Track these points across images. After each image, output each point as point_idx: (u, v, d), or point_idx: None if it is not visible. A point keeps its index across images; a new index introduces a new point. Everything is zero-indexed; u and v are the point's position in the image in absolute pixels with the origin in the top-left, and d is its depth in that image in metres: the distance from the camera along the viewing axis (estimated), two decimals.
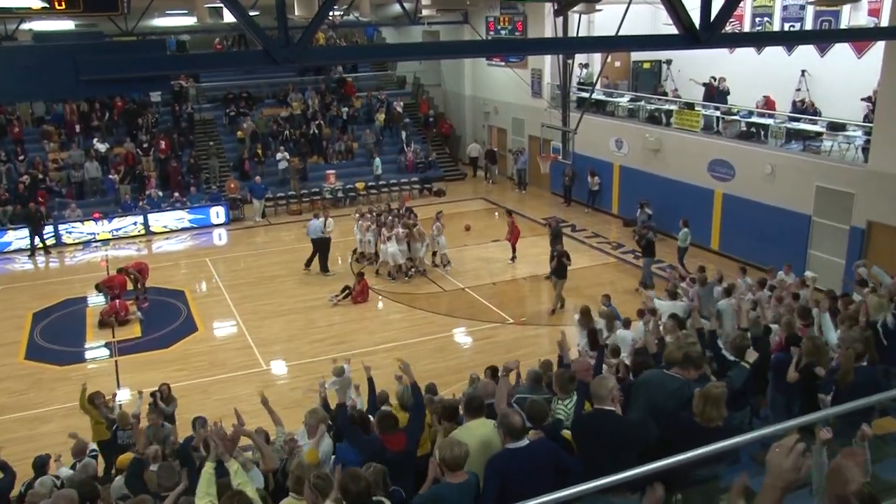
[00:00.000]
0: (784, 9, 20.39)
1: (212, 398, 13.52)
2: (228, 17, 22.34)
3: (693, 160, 20.82)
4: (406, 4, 22.54)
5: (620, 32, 15.26)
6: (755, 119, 19.92)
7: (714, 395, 5.35)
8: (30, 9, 13.13)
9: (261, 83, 31.69)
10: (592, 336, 11.41)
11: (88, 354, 15.94)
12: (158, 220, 24.67)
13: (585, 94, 23.41)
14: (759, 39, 16.74)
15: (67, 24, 19.68)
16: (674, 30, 6.70)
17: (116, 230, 24.15)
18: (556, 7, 19.52)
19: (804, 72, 19.82)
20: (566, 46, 12.40)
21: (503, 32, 27.54)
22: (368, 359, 13.83)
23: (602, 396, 5.40)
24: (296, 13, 17.19)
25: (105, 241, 23.73)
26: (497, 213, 25.49)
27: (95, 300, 18.33)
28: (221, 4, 20.91)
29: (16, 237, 23.17)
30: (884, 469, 4.79)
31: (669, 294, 13.14)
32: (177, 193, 25.56)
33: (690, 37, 6.60)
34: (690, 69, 22.89)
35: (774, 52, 20.09)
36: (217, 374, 14.59)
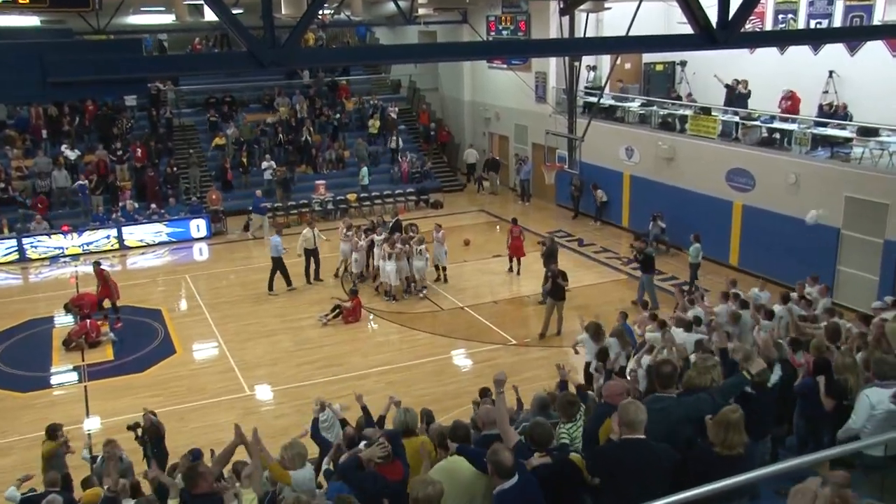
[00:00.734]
0: (810, 4, 20.30)
1: (189, 426, 13.44)
2: (210, 16, 22.46)
3: (710, 169, 20.85)
4: (401, 3, 22.60)
5: (631, 32, 15.32)
6: (777, 124, 19.93)
7: (735, 420, 5.32)
8: None
9: (245, 86, 31.80)
10: (603, 356, 11.39)
11: (54, 379, 15.82)
12: (133, 234, 24.63)
13: (593, 99, 23.50)
14: (783, 39, 16.32)
15: (32, 21, 19.59)
16: (689, 29, 6.70)
17: (87, 244, 24.08)
18: (562, 5, 19.60)
19: (832, 72, 19.78)
20: (573, 48, 12.44)
21: (505, 33, 27.72)
22: (360, 384, 13.85)
23: (635, 424, 5.31)
24: (283, 12, 17.26)
25: (74, 257, 23.67)
26: (498, 227, 25.48)
27: (63, 320, 18.27)
28: (202, 1, 21.01)
29: None
30: None
31: (679, 322, 13.17)
32: (154, 205, 25.53)
33: (707, 36, 6.60)
34: (706, 71, 22.95)
35: (799, 52, 20.00)
36: (196, 400, 14.50)
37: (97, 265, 18.97)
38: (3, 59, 4.89)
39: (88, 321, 17.22)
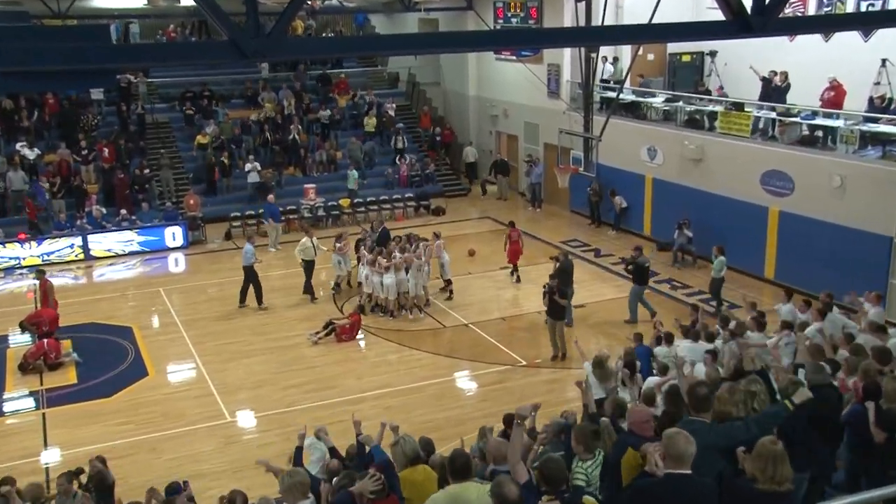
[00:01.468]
0: None
1: (162, 458, 13.38)
2: (186, 0, 22.49)
3: (742, 171, 20.81)
4: None
5: (655, 19, 15.32)
6: (820, 120, 19.77)
7: (779, 453, 5.24)
8: None
9: (225, 79, 31.87)
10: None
11: (8, 406, 15.68)
12: (101, 243, 24.61)
13: (612, 94, 23.49)
14: (828, 24, 15.75)
15: None
16: (720, 15, 6.69)
17: (48, 254, 24.01)
18: None
19: (885, 61, 19.54)
20: (589, 37, 12.39)
21: (514, 20, 27.78)
22: (356, 408, 13.79)
23: (684, 458, 5.22)
24: None
25: (33, 268, 23.58)
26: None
27: (18, 340, 18.21)
28: None
29: None
30: None
31: (685, 331, 13.18)
32: (124, 210, 25.47)
33: (741, 23, 6.59)
34: (739, 62, 22.85)
35: (847, 38, 19.80)
36: (171, 428, 14.43)
37: (41, 274, 18.90)
38: None
39: (46, 340, 17.09)
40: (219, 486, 9.18)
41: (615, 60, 26.16)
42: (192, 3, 11.38)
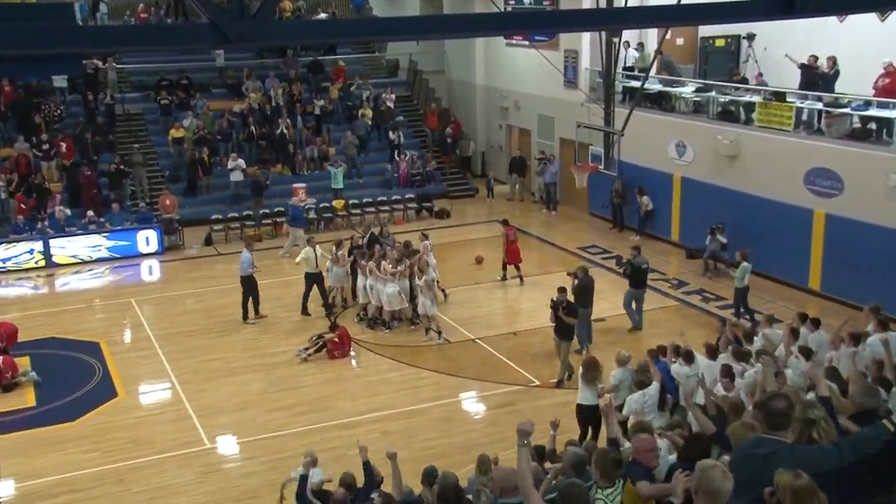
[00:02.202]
0: None
1: (131, 490, 13.35)
2: None
3: (784, 169, 20.77)
4: None
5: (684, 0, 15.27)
6: (874, 111, 19.62)
7: (804, 489, 5.09)
8: None
9: (205, 66, 31.90)
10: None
11: None
12: (65, 248, 24.64)
13: (636, 84, 23.48)
14: (885, 1, 15.81)
15: None
16: None
17: (4, 261, 24.02)
18: None
19: None
20: (611, 20, 12.34)
21: (527, 1, 27.79)
22: (351, 433, 13.80)
23: (720, 496, 5.08)
24: None
25: None
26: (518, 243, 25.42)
27: None
28: None
29: None
30: None
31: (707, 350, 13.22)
32: (91, 212, 25.48)
33: (782, 3, 6.54)
34: (781, 47, 22.74)
35: None
36: (142, 456, 14.37)
37: None
38: None
39: (1, 358, 17.01)
40: None
41: (640, 46, 26.22)
42: None
